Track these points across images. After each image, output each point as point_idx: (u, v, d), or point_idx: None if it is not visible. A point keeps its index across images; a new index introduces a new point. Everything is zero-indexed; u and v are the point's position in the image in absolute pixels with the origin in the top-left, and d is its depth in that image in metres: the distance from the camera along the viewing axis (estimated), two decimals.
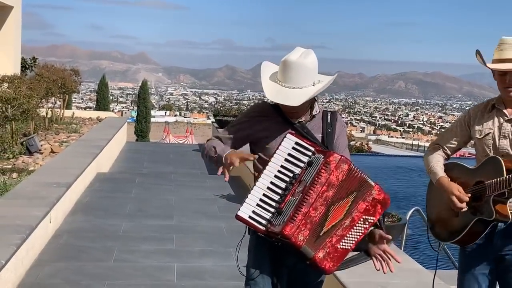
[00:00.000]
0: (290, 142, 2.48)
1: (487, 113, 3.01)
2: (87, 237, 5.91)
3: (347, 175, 2.42)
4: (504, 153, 2.91)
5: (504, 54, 2.86)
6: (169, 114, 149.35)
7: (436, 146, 3.17)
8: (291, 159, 2.46)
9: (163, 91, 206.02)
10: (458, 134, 3.12)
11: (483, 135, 2.97)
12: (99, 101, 24.67)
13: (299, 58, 2.56)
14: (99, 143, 10.02)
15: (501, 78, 2.89)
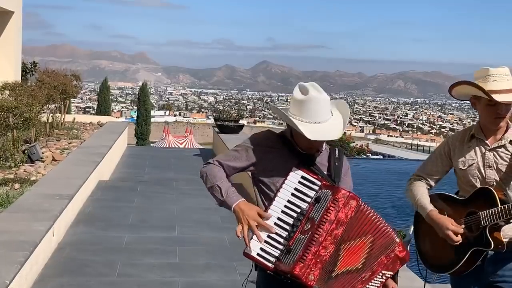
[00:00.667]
0: (296, 176, 2.46)
1: (467, 143, 3.01)
2: (90, 250, 5.91)
3: (355, 211, 2.41)
4: (492, 183, 2.92)
5: (499, 85, 2.84)
6: (168, 114, 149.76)
7: (418, 177, 3.15)
8: (298, 194, 2.45)
9: (162, 91, 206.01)
10: (439, 165, 3.11)
11: (467, 165, 2.97)
12: (100, 104, 24.68)
13: (318, 93, 2.51)
14: (101, 150, 10.01)
15: (490, 108, 2.87)
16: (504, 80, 2.84)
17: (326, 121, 2.51)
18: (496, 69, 2.89)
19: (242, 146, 2.65)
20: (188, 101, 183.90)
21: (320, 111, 2.49)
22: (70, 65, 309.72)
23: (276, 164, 2.56)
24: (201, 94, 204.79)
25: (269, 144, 2.62)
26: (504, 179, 2.91)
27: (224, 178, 2.58)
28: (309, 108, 2.48)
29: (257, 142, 2.63)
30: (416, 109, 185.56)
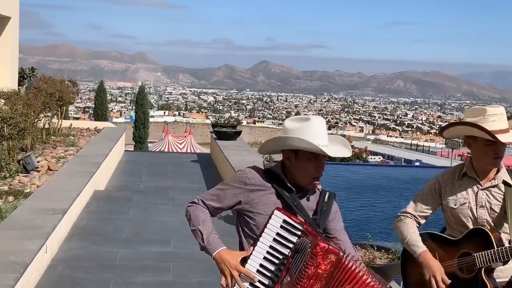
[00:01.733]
0: (278, 219, 2.43)
1: (458, 181, 2.97)
2: (82, 267, 5.84)
3: (334, 266, 2.32)
4: (484, 223, 2.87)
5: (499, 125, 2.81)
6: (168, 113, 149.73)
7: (407, 214, 3.08)
8: (280, 239, 2.41)
9: (162, 91, 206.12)
10: (429, 202, 3.05)
11: (459, 204, 2.92)
12: (97, 107, 24.61)
13: (319, 120, 2.58)
14: (96, 160, 9.96)
15: (488, 148, 2.82)
16: (502, 120, 2.82)
17: (329, 145, 2.55)
18: (493, 108, 2.86)
19: (227, 185, 2.61)
20: (188, 101, 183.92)
21: (323, 134, 2.53)
22: (69, 64, 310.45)
23: (260, 205, 2.53)
24: (201, 94, 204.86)
25: (255, 183, 2.57)
26: (496, 220, 2.87)
27: (208, 221, 2.56)
28: (316, 131, 2.51)
29: (243, 180, 2.59)
30: (416, 109, 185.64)
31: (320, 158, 2.52)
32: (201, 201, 2.62)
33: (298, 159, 2.54)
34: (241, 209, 2.58)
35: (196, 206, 2.60)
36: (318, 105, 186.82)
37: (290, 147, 2.54)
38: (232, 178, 2.63)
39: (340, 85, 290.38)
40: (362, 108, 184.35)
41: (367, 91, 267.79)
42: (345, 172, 16.83)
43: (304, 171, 2.53)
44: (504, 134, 2.78)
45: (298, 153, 2.54)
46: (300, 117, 2.61)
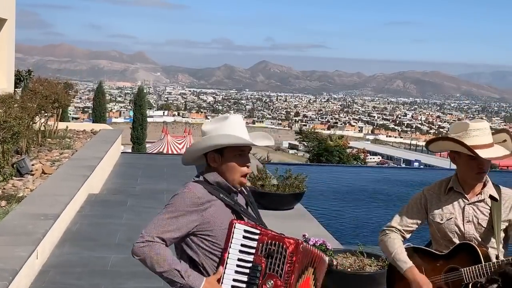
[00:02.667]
0: (240, 231, 2.45)
1: (443, 195, 2.95)
2: (74, 273, 5.83)
3: (303, 254, 2.48)
4: (471, 238, 2.86)
5: (481, 140, 2.80)
6: (167, 113, 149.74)
7: (393, 229, 3.05)
8: (244, 248, 2.45)
9: (161, 91, 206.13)
10: (415, 216, 3.02)
11: (445, 219, 2.91)
12: (96, 108, 24.59)
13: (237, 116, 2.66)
14: (91, 163, 9.94)
15: (471, 163, 2.82)
16: (485, 135, 2.81)
17: None
18: (476, 123, 2.86)
19: (180, 211, 2.46)
20: (187, 101, 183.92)
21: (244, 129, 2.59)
22: (68, 64, 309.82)
23: (217, 219, 2.49)
24: (200, 94, 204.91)
25: (205, 200, 2.49)
26: (483, 235, 2.85)
27: (176, 258, 2.47)
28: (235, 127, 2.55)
29: (195, 202, 2.47)
30: (415, 109, 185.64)
31: (245, 152, 2.55)
32: (156, 237, 2.44)
33: (224, 158, 2.53)
34: (196, 231, 2.49)
35: (153, 245, 2.43)
36: (317, 105, 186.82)
37: (215, 147, 2.51)
38: (182, 202, 2.48)
39: (339, 85, 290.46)
40: (361, 108, 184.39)
41: (366, 91, 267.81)
42: (341, 174, 16.80)
43: (233, 170, 2.54)
44: (486, 149, 2.78)
45: (223, 153, 2.53)
46: (217, 118, 2.63)
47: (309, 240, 4.73)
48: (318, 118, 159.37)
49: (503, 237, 2.89)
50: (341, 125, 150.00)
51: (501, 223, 2.83)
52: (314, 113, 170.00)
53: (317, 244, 4.71)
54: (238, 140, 2.49)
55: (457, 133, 2.85)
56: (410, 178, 16.31)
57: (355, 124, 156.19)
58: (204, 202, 2.46)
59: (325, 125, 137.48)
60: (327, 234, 6.74)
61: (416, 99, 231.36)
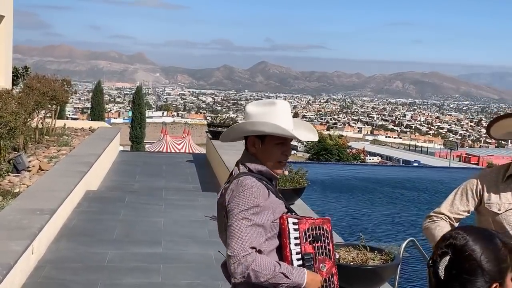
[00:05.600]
0: (291, 226, 2.41)
1: (502, 183, 2.66)
2: (70, 269, 5.72)
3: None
4: None
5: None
6: (166, 114, 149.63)
7: (442, 215, 2.77)
8: (296, 241, 2.42)
9: (160, 91, 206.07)
10: (468, 203, 2.73)
11: (503, 210, 2.62)
12: (94, 108, 24.48)
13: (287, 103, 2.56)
14: (89, 160, 9.82)
15: None
16: None
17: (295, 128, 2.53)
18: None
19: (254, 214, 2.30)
20: (186, 102, 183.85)
21: (290, 118, 2.49)
22: (68, 65, 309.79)
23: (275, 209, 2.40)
24: (199, 95, 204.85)
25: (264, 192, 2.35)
26: None
27: (271, 260, 2.32)
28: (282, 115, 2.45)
29: (262, 197, 2.33)
30: (414, 110, 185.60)
31: (287, 142, 2.46)
32: (249, 248, 2.26)
33: (264, 144, 2.43)
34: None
35: (248, 257, 2.24)
36: (316, 106, 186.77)
37: (258, 133, 2.42)
38: (252, 199, 2.30)
39: (338, 86, 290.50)
40: (360, 108, 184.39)
41: (365, 92, 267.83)
42: (341, 171, 16.72)
43: (271, 156, 2.44)
44: None
45: (264, 139, 2.43)
46: (264, 101, 2.52)
47: None
48: (317, 118, 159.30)
49: None
50: (341, 125, 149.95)
51: None
52: (313, 113, 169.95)
53: None
54: (283, 132, 2.38)
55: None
56: (411, 176, 16.22)
57: (354, 125, 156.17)
58: (263, 194, 2.33)
59: (324, 125, 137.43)
60: None
61: (415, 100, 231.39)
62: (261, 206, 2.30)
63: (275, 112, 2.42)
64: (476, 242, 1.57)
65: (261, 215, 2.29)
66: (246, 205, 2.29)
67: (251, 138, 2.46)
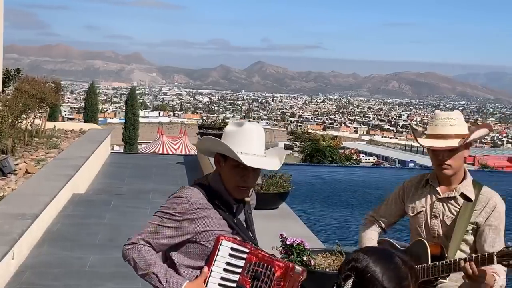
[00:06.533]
0: (226, 249, 2.30)
1: (421, 188, 2.86)
2: (51, 274, 5.72)
3: (292, 280, 2.33)
4: (435, 234, 2.77)
5: (435, 130, 2.73)
6: (163, 114, 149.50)
7: (371, 219, 3.03)
8: (229, 267, 2.30)
9: (157, 91, 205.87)
10: (393, 208, 2.97)
11: (415, 213, 2.83)
12: (87, 109, 24.45)
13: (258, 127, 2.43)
14: (76, 162, 9.81)
15: (433, 155, 2.74)
16: (446, 125, 2.71)
17: (262, 155, 2.38)
18: (442, 112, 2.78)
19: (167, 220, 2.33)
20: (183, 102, 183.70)
21: (254, 143, 2.36)
22: (64, 65, 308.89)
23: (209, 232, 2.35)
24: (196, 95, 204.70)
25: (198, 206, 2.34)
26: (447, 233, 2.75)
27: (158, 261, 2.33)
28: (246, 137, 2.36)
29: (185, 209, 2.32)
30: (410, 110, 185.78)
31: (248, 169, 2.33)
32: (142, 240, 2.34)
33: (226, 164, 2.39)
34: (191, 240, 2.37)
35: (137, 247, 2.33)
36: (313, 106, 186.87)
37: (206, 151, 2.48)
38: (173, 208, 2.34)
39: (335, 86, 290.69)
40: (357, 109, 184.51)
41: (362, 92, 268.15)
42: (332, 174, 16.73)
43: (230, 179, 2.38)
44: (438, 139, 2.69)
45: (227, 158, 2.38)
46: (238, 122, 2.48)
47: (287, 240, 4.64)
48: (313, 118, 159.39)
49: (471, 240, 2.74)
50: (337, 125, 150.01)
51: (467, 224, 2.69)
52: (309, 113, 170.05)
53: (294, 244, 4.61)
54: (228, 151, 2.33)
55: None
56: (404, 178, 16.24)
57: (351, 125, 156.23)
58: (196, 208, 2.32)
59: (321, 125, 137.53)
60: (310, 234, 6.64)
61: (411, 100, 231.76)
62: (175, 219, 2.30)
63: (240, 133, 2.37)
64: (377, 263, 1.61)
65: (171, 226, 2.31)
66: (167, 209, 2.34)
67: (217, 156, 2.44)
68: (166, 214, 2.34)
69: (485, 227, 2.69)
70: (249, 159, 2.30)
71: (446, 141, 2.67)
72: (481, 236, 2.70)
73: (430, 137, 2.72)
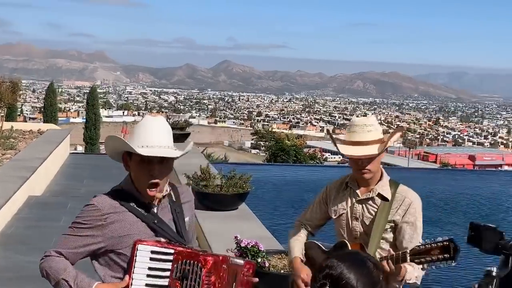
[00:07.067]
0: (145, 253, 2.19)
1: (342, 191, 2.94)
2: (2, 279, 5.58)
3: (228, 273, 2.25)
4: (356, 235, 2.85)
5: (354, 137, 2.79)
6: (127, 113, 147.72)
7: (298, 223, 3.11)
8: (153, 272, 2.19)
9: (121, 90, 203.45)
10: (318, 212, 3.05)
11: (338, 215, 2.91)
12: (47, 109, 23.98)
13: (158, 119, 2.33)
14: (33, 164, 9.62)
15: (353, 161, 2.81)
16: (364, 132, 2.78)
17: (165, 147, 2.26)
18: (358, 119, 2.85)
19: (76, 229, 2.29)
20: (148, 101, 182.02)
21: (155, 134, 2.25)
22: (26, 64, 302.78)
23: (124, 237, 2.25)
24: (161, 94, 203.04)
25: (108, 211, 2.26)
26: (367, 233, 2.83)
27: (69, 268, 2.27)
28: (146, 129, 2.26)
29: (94, 216, 2.26)
30: (375, 109, 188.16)
31: (153, 161, 2.22)
32: (54, 252, 2.32)
33: (132, 162, 2.29)
34: (107, 249, 2.28)
35: (48, 259, 2.30)
36: (279, 105, 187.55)
37: (119, 149, 2.33)
38: (82, 217, 2.30)
39: (301, 85, 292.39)
40: (322, 108, 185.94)
41: (327, 91, 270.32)
42: (296, 173, 16.79)
43: (138, 177, 2.28)
44: (357, 146, 2.76)
45: (131, 155, 2.27)
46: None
47: (241, 242, 4.62)
48: (280, 118, 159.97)
49: (391, 238, 2.85)
50: (303, 124, 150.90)
51: (385, 223, 2.80)
52: (276, 113, 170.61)
53: (249, 246, 4.59)
54: (124, 147, 2.25)
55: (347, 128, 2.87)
56: None
57: (317, 124, 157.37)
58: (106, 213, 2.24)
59: (287, 124, 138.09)
60: (269, 235, 6.63)
61: (375, 99, 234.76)
62: (84, 227, 2.26)
63: (140, 127, 2.29)
64: (351, 269, 1.62)
65: (80, 235, 2.27)
66: (78, 218, 2.30)
67: (124, 155, 2.33)
68: (77, 224, 2.30)
69: (403, 224, 2.81)
70: (145, 150, 2.19)
71: (365, 148, 2.75)
72: (400, 233, 2.82)
73: (349, 144, 2.79)
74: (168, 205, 2.37)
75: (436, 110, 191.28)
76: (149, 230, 2.28)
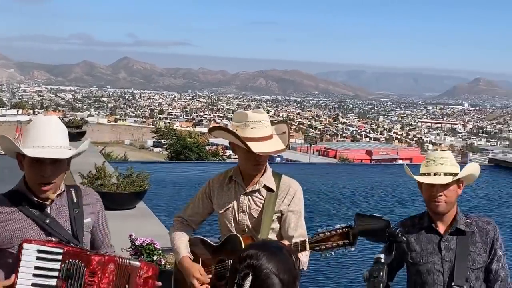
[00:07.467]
0: (31, 252, 2.14)
1: (226, 185, 2.94)
2: None
3: (117, 273, 2.21)
4: (244, 228, 2.86)
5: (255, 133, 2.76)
6: (22, 112, 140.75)
7: (180, 219, 3.04)
8: (41, 271, 2.14)
9: (15, 88, 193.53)
10: (201, 207, 3.01)
11: (224, 209, 2.90)
12: None
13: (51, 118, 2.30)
14: None
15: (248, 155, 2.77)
16: (263, 127, 2.77)
17: (58, 147, 2.22)
18: (255, 114, 2.80)
19: None
20: (44, 99, 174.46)
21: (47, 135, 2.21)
22: None
23: (12, 237, 2.21)
24: (58, 92, 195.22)
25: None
26: (255, 225, 2.84)
27: None
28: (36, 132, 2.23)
29: None
30: (277, 106, 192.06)
31: (45, 162, 2.19)
32: None
33: (25, 162, 2.27)
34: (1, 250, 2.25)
35: None
36: (182, 103, 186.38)
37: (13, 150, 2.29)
38: None
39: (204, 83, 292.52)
40: (226, 105, 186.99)
41: (230, 89, 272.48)
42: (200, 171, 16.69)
43: (30, 176, 2.25)
44: (262, 142, 2.75)
45: (24, 156, 2.23)
46: None
47: (136, 240, 4.48)
48: (183, 115, 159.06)
49: (277, 227, 2.87)
50: (206, 122, 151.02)
51: (273, 214, 2.82)
52: (179, 110, 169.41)
53: (144, 244, 4.46)
54: (15, 148, 2.21)
55: (238, 123, 2.80)
56: None
57: (220, 122, 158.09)
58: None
59: (190, 122, 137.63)
60: (167, 232, 6.50)
61: (278, 97, 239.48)
62: None
63: (33, 127, 2.26)
64: (271, 258, 1.68)
65: None
66: None
67: (18, 155, 2.29)
68: None
69: (288, 213, 2.85)
70: (35, 150, 2.17)
71: (267, 144, 2.75)
72: (285, 221, 2.85)
73: (249, 140, 2.73)
74: (65, 205, 2.33)
75: (336, 107, 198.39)
76: (39, 229, 2.25)
